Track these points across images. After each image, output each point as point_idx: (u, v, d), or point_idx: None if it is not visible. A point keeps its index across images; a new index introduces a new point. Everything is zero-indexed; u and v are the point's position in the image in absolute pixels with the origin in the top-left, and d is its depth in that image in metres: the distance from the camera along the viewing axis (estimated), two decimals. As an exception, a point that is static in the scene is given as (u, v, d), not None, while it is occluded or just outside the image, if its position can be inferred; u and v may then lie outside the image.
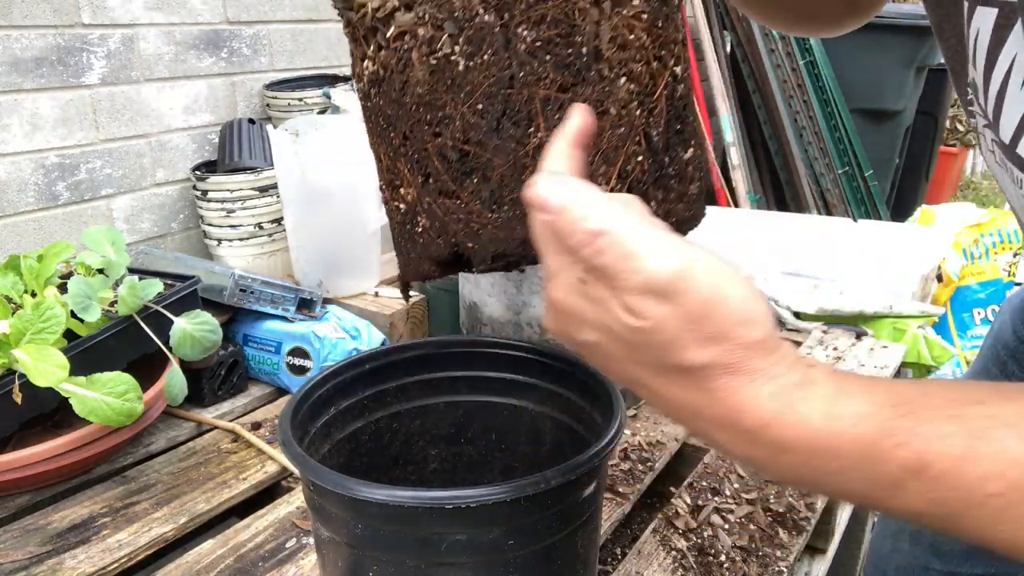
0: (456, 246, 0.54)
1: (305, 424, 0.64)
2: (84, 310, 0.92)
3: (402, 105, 0.52)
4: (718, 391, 0.37)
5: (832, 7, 0.76)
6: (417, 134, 0.52)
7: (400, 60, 0.51)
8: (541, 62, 0.48)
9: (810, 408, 0.37)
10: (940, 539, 0.88)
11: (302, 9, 1.72)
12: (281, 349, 1.15)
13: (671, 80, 0.51)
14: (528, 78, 0.48)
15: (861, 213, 3.42)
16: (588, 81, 0.48)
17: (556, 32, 0.47)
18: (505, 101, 0.49)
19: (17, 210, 1.32)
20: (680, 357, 0.37)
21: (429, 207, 0.54)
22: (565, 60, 0.48)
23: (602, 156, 0.49)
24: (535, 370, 0.72)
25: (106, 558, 0.80)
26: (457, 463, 0.77)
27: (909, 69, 3.29)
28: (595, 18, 0.48)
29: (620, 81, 0.49)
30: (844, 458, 0.37)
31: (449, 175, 0.52)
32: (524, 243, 0.49)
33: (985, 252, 2.53)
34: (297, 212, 1.32)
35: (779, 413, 0.37)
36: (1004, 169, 0.52)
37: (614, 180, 0.50)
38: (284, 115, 1.59)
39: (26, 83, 1.29)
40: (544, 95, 0.48)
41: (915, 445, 0.36)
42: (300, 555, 0.81)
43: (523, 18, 0.47)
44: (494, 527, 0.52)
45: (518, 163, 0.49)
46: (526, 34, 0.47)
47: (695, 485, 0.95)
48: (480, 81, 0.48)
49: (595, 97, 0.48)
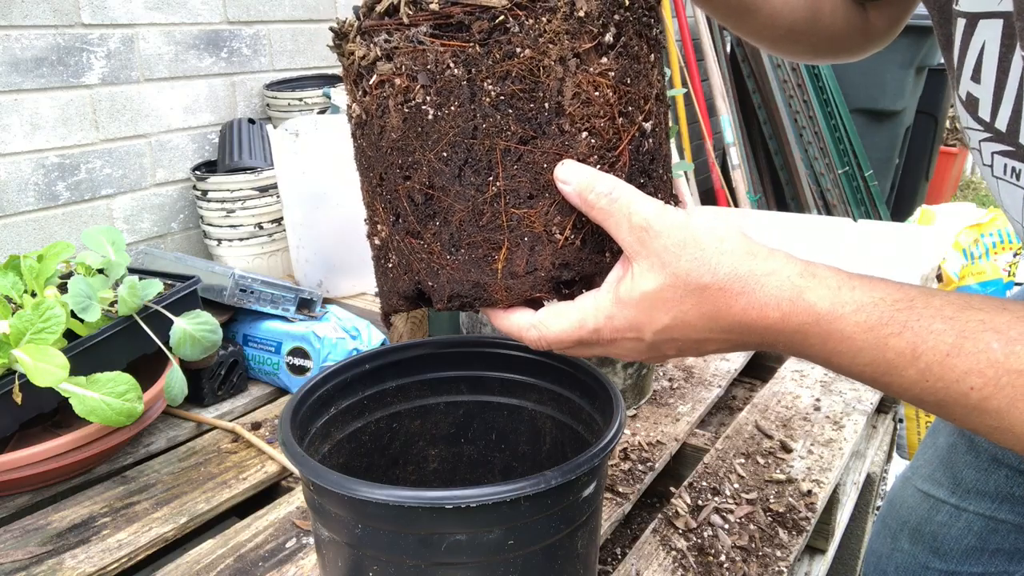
0: (419, 284, 0.57)
1: (305, 424, 0.64)
2: (84, 310, 0.92)
3: (379, 148, 0.55)
4: (737, 301, 0.44)
5: (852, 40, 0.78)
6: (391, 176, 0.55)
7: (379, 106, 0.54)
8: (504, 115, 0.50)
9: (817, 296, 0.43)
10: (940, 538, 0.88)
11: (302, 9, 1.72)
12: (281, 349, 1.15)
13: (637, 135, 0.52)
14: (490, 129, 0.50)
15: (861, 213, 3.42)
16: (548, 135, 0.50)
17: (520, 87, 0.49)
18: (468, 150, 0.51)
19: (17, 210, 1.32)
20: (693, 281, 0.45)
21: (398, 245, 0.57)
22: (527, 114, 0.50)
23: (557, 207, 0.51)
24: (535, 370, 0.72)
25: (106, 558, 0.80)
26: (457, 463, 0.77)
27: (909, 69, 3.29)
28: (559, 75, 0.49)
29: (581, 136, 0.50)
30: (853, 341, 0.42)
31: (415, 216, 0.55)
32: (478, 286, 0.53)
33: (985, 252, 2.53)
34: (297, 212, 1.32)
35: (792, 302, 0.43)
36: (1013, 178, 0.52)
37: (569, 230, 0.51)
38: (284, 115, 1.59)
39: (26, 83, 1.29)
40: (504, 146, 0.50)
41: (907, 336, 0.41)
42: (300, 555, 0.81)
43: (489, 73, 0.49)
44: (494, 527, 0.52)
45: (476, 209, 0.52)
46: (491, 88, 0.50)
47: (695, 485, 0.95)
48: (446, 130, 0.51)
49: (554, 150, 0.50)
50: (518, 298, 0.53)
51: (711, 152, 3.12)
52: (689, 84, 3.03)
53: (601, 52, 0.50)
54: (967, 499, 0.85)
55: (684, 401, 1.13)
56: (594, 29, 0.50)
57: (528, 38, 0.49)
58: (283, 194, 1.33)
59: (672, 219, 0.46)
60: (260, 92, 1.67)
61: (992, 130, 0.51)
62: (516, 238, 0.52)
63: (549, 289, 0.52)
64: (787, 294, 0.43)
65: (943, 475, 0.88)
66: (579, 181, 0.48)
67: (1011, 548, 0.83)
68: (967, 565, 0.85)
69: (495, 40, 0.49)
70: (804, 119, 3.28)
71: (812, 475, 0.98)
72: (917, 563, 0.90)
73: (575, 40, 0.49)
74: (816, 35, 0.76)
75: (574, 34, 0.49)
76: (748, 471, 0.98)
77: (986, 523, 0.84)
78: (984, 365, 0.40)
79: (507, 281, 0.52)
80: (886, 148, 3.51)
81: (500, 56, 0.49)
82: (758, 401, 1.17)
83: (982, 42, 0.49)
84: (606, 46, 0.50)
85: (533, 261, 0.52)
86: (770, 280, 0.44)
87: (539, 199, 0.51)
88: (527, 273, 0.52)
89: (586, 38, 0.49)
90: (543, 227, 0.51)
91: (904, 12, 0.78)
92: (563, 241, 0.51)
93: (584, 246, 0.52)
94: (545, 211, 0.51)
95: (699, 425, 1.12)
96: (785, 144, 3.31)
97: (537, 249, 0.52)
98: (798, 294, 0.43)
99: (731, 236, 0.45)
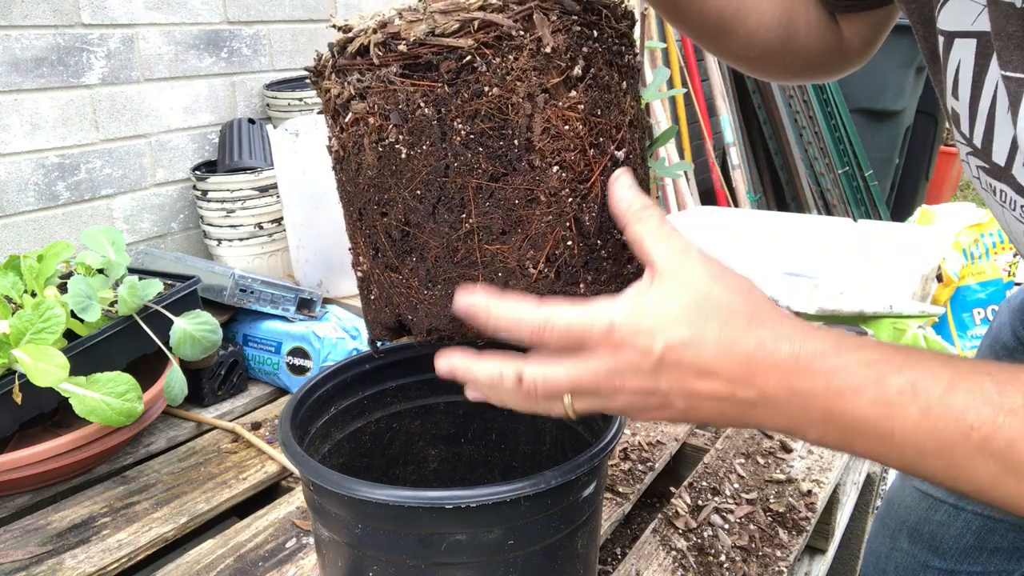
0: (399, 316, 0.57)
1: (305, 424, 0.64)
2: (84, 310, 0.92)
3: (357, 184, 0.56)
4: (776, 389, 0.43)
5: (828, 59, 0.78)
6: (369, 212, 0.56)
7: (355, 144, 0.55)
8: (474, 153, 0.50)
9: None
10: (939, 537, 0.88)
11: (302, 9, 1.72)
12: (281, 349, 1.15)
13: (610, 164, 0.52)
14: (462, 168, 0.51)
15: (861, 213, 3.42)
16: (519, 171, 0.50)
17: (489, 125, 0.50)
18: (441, 188, 0.52)
19: (17, 210, 1.32)
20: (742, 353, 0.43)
21: (379, 278, 0.58)
22: (497, 151, 0.50)
23: (530, 241, 0.51)
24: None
25: (106, 558, 0.80)
26: (457, 463, 0.77)
27: (909, 69, 3.29)
28: (527, 111, 0.50)
29: (552, 170, 0.50)
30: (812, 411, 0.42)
31: (393, 252, 0.55)
32: (454, 321, 0.53)
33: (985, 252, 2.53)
34: (297, 212, 1.32)
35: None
36: (991, 194, 0.53)
37: (542, 264, 0.51)
38: (284, 115, 1.59)
39: (26, 83, 1.29)
40: (476, 184, 0.51)
41: (907, 373, 0.41)
42: (300, 555, 0.81)
43: (458, 112, 0.50)
44: (494, 527, 0.52)
45: (450, 246, 0.52)
46: (460, 127, 0.50)
47: (695, 485, 0.95)
48: (419, 169, 0.52)
49: (525, 186, 0.50)
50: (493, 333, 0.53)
51: (711, 152, 3.13)
52: (689, 84, 3.03)
53: (570, 85, 0.50)
54: (965, 498, 0.85)
55: (684, 401, 1.13)
56: (562, 64, 0.50)
57: (496, 76, 0.49)
58: (283, 194, 1.33)
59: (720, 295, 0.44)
60: (260, 92, 1.67)
61: (971, 145, 0.52)
62: (490, 273, 0.52)
63: None
64: None
65: None
66: None
67: (1010, 547, 0.83)
68: (966, 564, 0.85)
69: (463, 79, 0.50)
70: (804, 119, 3.29)
71: (812, 475, 0.98)
72: (916, 562, 0.90)
73: (543, 76, 0.50)
74: (791, 55, 0.76)
75: (542, 70, 0.50)
76: (748, 471, 0.98)
77: (984, 522, 0.84)
78: (980, 403, 0.39)
79: None
80: (886, 148, 3.51)
81: (469, 95, 0.50)
82: (758, 401, 1.16)
83: (958, 60, 0.50)
84: (575, 79, 0.51)
85: None
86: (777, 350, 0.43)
87: (512, 234, 0.51)
88: None
89: (554, 73, 0.50)
90: (516, 262, 0.51)
91: (878, 32, 0.77)
92: (537, 275, 0.51)
93: (558, 279, 0.52)
94: (518, 246, 0.51)
95: (699, 425, 1.12)
96: (785, 144, 3.31)
97: (511, 283, 0.52)
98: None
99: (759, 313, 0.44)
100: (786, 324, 0.43)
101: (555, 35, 0.50)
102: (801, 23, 0.75)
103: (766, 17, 0.74)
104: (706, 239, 1.90)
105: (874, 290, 1.55)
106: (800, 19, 0.75)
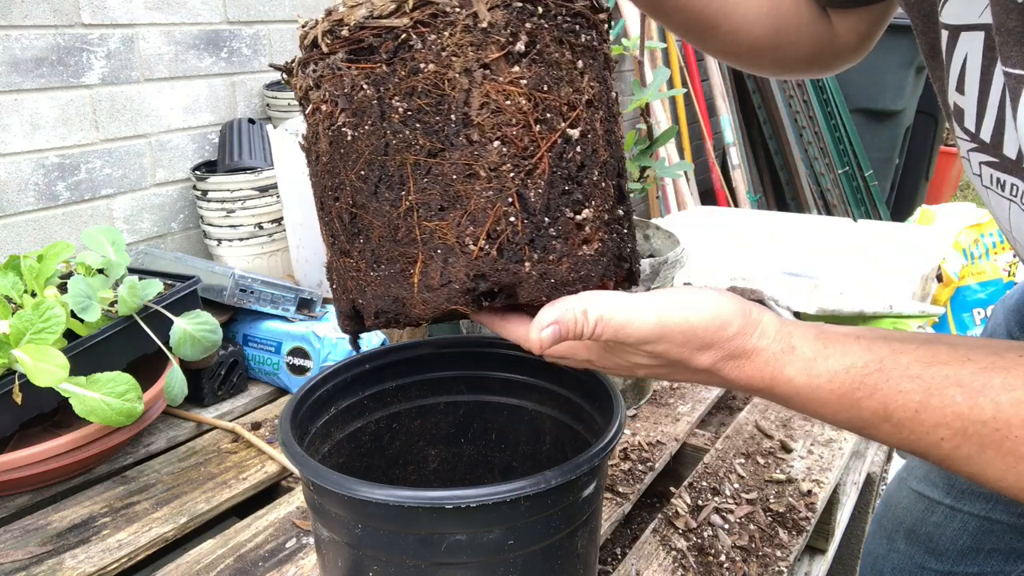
0: (353, 302, 0.58)
1: (305, 424, 0.64)
2: (84, 310, 0.92)
3: (317, 174, 0.58)
4: (729, 374, 0.50)
5: (820, 56, 0.78)
6: (326, 200, 0.57)
7: (314, 133, 0.56)
8: (412, 129, 0.51)
9: (795, 370, 0.48)
10: (935, 538, 0.88)
11: (302, 9, 1.72)
12: (281, 349, 1.15)
13: (560, 141, 0.52)
14: (400, 145, 0.52)
15: (861, 213, 3.42)
16: (456, 146, 0.51)
17: (426, 102, 0.51)
18: (382, 167, 0.53)
19: (17, 210, 1.32)
20: (692, 365, 0.50)
21: (336, 266, 0.59)
22: (434, 127, 0.51)
23: (469, 217, 0.51)
24: (535, 370, 0.72)
25: (106, 558, 0.80)
26: (457, 463, 0.77)
27: (909, 69, 3.29)
28: (464, 86, 0.50)
29: (493, 144, 0.51)
30: (830, 405, 0.48)
31: (344, 236, 0.56)
32: (397, 301, 0.54)
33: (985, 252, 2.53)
34: (297, 212, 1.32)
35: (773, 377, 0.49)
36: (998, 189, 0.53)
37: (483, 240, 0.51)
38: (284, 115, 1.59)
39: (26, 83, 1.29)
40: (414, 160, 0.51)
41: (878, 398, 0.46)
42: (300, 555, 0.81)
43: (396, 90, 0.51)
44: (494, 527, 0.52)
45: (392, 224, 0.53)
46: (398, 104, 0.51)
47: (695, 485, 0.95)
48: (363, 149, 0.53)
49: (463, 161, 0.51)
50: (436, 311, 0.53)
51: (711, 152, 3.13)
52: (689, 84, 3.03)
53: (512, 61, 0.51)
54: (962, 499, 0.85)
55: (684, 401, 1.13)
56: (501, 39, 0.50)
57: (431, 53, 0.50)
58: (283, 194, 1.33)
59: (673, 327, 0.49)
60: (260, 92, 1.67)
61: (977, 140, 0.52)
62: (429, 251, 0.52)
63: (467, 301, 0.52)
64: (770, 370, 0.49)
65: (938, 476, 0.88)
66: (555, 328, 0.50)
67: (1007, 548, 0.83)
68: (963, 565, 0.85)
69: (400, 58, 0.51)
70: (804, 119, 3.28)
71: (812, 475, 0.98)
72: (913, 563, 0.90)
73: (481, 51, 0.50)
74: (780, 51, 0.76)
75: (479, 45, 0.50)
76: (748, 471, 0.98)
77: (981, 523, 0.84)
78: (951, 418, 0.44)
79: (423, 295, 0.53)
80: (886, 148, 3.51)
81: (406, 73, 0.51)
82: (758, 401, 1.17)
83: (964, 54, 0.50)
84: (518, 54, 0.51)
85: (448, 273, 0.52)
86: (759, 356, 0.49)
87: (450, 210, 0.51)
88: (442, 286, 0.52)
89: (493, 48, 0.50)
90: (456, 238, 0.51)
91: (875, 28, 0.77)
92: (477, 252, 0.51)
93: (501, 256, 0.51)
94: (457, 222, 0.51)
95: (699, 425, 1.12)
96: (785, 144, 3.31)
97: (451, 261, 0.52)
98: (780, 370, 0.48)
99: (731, 320, 0.49)
100: (758, 360, 0.50)
101: (493, 11, 0.50)
102: (791, 19, 0.74)
103: (752, 13, 0.73)
104: (706, 239, 1.90)
105: (874, 290, 1.55)
106: (789, 15, 0.74)
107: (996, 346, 0.46)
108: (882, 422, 0.46)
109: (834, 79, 3.29)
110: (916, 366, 0.45)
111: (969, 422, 0.43)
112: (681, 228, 1.93)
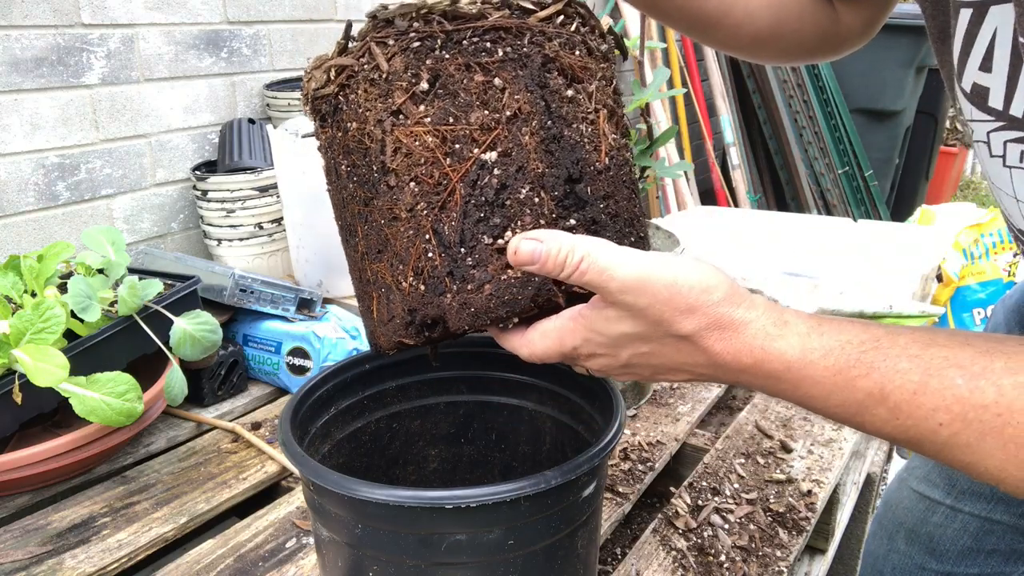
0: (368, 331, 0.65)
1: (305, 424, 0.64)
2: (84, 310, 0.92)
3: None
4: (714, 346, 0.46)
5: (824, 42, 0.77)
6: None
7: None
8: (352, 183, 0.56)
9: (787, 344, 0.45)
10: (936, 539, 0.88)
11: (302, 9, 1.72)
12: (281, 349, 1.15)
13: (475, 168, 0.52)
14: (348, 198, 0.57)
15: (861, 213, 3.42)
16: (380, 193, 0.54)
17: (356, 157, 0.55)
18: (342, 218, 0.59)
19: (17, 210, 1.32)
20: (675, 329, 0.47)
21: None
22: (365, 179, 0.55)
23: (398, 257, 0.54)
24: (535, 370, 0.72)
25: (106, 558, 0.80)
26: (457, 463, 0.77)
27: (909, 69, 3.29)
28: (379, 137, 0.53)
29: (409, 186, 0.53)
30: (823, 384, 0.45)
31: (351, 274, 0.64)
32: (371, 334, 0.59)
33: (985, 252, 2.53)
34: (297, 212, 1.32)
35: (764, 350, 0.46)
36: None
37: (411, 277, 0.54)
38: (284, 115, 1.59)
39: (26, 83, 1.29)
40: (357, 210, 0.57)
41: (874, 377, 0.43)
42: (300, 555, 0.81)
43: (339, 150, 0.57)
44: (494, 527, 0.52)
45: (357, 266, 0.59)
46: (342, 161, 0.56)
47: (695, 485, 0.95)
48: (334, 202, 0.60)
49: (386, 207, 0.54)
50: (391, 344, 0.57)
51: (711, 152, 3.13)
52: (689, 84, 3.03)
53: (418, 100, 0.52)
54: (962, 500, 0.85)
55: (684, 401, 1.13)
56: (403, 83, 0.52)
57: (352, 112, 0.54)
58: (283, 194, 1.33)
59: (657, 281, 0.47)
60: (260, 92, 1.67)
61: (1006, 118, 0.50)
62: (377, 289, 0.57)
63: (410, 334, 0.55)
64: (760, 342, 0.46)
65: (938, 476, 0.88)
66: (537, 250, 0.49)
67: (1007, 549, 0.83)
68: (963, 566, 0.85)
69: (335, 121, 0.56)
70: (804, 119, 3.28)
71: (812, 475, 0.98)
72: (913, 564, 0.90)
73: (388, 99, 0.52)
74: (783, 41, 0.76)
75: (385, 95, 0.52)
76: (748, 471, 0.98)
77: (981, 524, 0.84)
78: (951, 401, 0.42)
79: (380, 328, 0.57)
80: (886, 148, 3.51)
81: (341, 134, 0.56)
82: (758, 401, 1.17)
83: (993, 29, 0.49)
84: (423, 93, 0.52)
85: (391, 309, 0.56)
86: (747, 329, 0.46)
87: (385, 252, 0.55)
88: (389, 320, 0.56)
89: (399, 94, 0.52)
90: (391, 277, 0.55)
91: (881, 12, 0.76)
92: (408, 288, 0.54)
93: (427, 290, 0.53)
94: (390, 263, 0.55)
95: (699, 425, 1.12)
96: (785, 144, 3.31)
97: (392, 298, 0.56)
98: (770, 343, 0.46)
99: (718, 286, 0.47)
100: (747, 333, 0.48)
101: (392, 60, 0.52)
102: (793, 9, 0.74)
103: (753, 6, 0.73)
104: (706, 239, 1.90)
105: (874, 290, 1.55)
106: (791, 5, 0.74)
107: (995, 336, 0.44)
108: (877, 405, 0.44)
109: (834, 79, 3.29)
110: (914, 346, 0.44)
111: (969, 406, 0.41)
112: (681, 228, 1.93)
